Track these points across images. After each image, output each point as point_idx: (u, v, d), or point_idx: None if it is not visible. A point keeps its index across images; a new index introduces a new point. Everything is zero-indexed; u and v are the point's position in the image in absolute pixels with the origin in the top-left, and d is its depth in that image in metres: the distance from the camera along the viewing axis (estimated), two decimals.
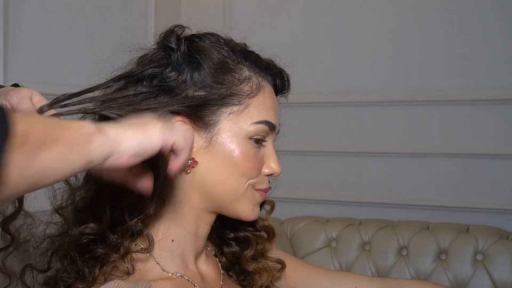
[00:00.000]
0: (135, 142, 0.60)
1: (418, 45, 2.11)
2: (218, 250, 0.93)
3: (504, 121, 2.01)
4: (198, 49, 0.80)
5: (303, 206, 2.22)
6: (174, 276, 0.79)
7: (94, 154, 0.57)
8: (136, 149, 0.61)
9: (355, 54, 2.21)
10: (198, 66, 0.78)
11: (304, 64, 2.01)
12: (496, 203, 2.01)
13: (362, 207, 2.18)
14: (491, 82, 2.01)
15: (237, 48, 0.83)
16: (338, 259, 1.80)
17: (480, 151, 2.03)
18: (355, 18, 2.20)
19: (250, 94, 0.79)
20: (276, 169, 0.82)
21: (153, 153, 0.63)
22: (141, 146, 0.61)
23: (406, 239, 1.74)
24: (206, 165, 0.78)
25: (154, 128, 0.63)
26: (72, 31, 1.75)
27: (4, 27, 1.48)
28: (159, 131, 0.63)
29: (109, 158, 0.59)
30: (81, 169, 0.57)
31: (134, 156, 0.61)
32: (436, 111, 2.10)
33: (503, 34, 2.01)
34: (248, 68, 0.81)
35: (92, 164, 0.58)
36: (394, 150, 2.15)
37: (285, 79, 0.87)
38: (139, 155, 0.62)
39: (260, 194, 0.82)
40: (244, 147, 0.78)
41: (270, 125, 0.80)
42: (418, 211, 2.07)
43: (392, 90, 2.14)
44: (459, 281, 1.66)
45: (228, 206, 0.81)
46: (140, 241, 0.79)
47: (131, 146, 0.60)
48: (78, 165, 0.56)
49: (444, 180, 2.09)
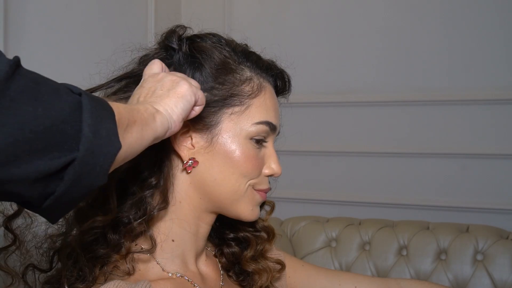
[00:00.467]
0: (179, 109, 0.68)
1: (418, 46, 2.11)
2: (218, 250, 0.93)
3: (504, 121, 2.01)
4: (200, 49, 0.80)
5: (303, 206, 2.23)
6: (174, 276, 0.79)
7: (159, 130, 0.64)
8: (183, 114, 0.68)
9: (354, 55, 2.21)
10: (200, 66, 0.78)
11: (304, 64, 2.01)
12: (496, 203, 2.01)
13: (362, 207, 2.18)
14: (491, 82, 2.01)
15: (239, 48, 0.83)
16: (338, 259, 1.79)
17: (480, 151, 2.03)
18: (356, 19, 2.20)
19: (251, 94, 0.79)
20: (277, 169, 0.82)
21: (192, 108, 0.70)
22: (184, 110, 0.68)
23: (406, 239, 1.74)
24: (206, 165, 0.78)
25: (184, 89, 0.69)
26: (72, 31, 1.75)
27: (4, 27, 1.48)
28: (190, 89, 0.69)
29: (168, 130, 0.66)
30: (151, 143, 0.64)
31: (183, 120, 0.69)
32: (436, 111, 2.10)
33: (503, 34, 2.01)
34: (249, 68, 0.82)
35: (157, 139, 0.65)
36: (394, 150, 2.15)
37: (286, 80, 0.87)
38: (185, 117, 0.70)
39: (260, 194, 0.82)
40: (244, 148, 0.78)
41: (270, 126, 0.81)
42: (418, 211, 2.07)
43: (392, 90, 2.14)
44: (459, 281, 1.65)
45: (228, 206, 0.81)
46: (141, 241, 0.79)
47: (179, 113, 0.67)
48: (148, 142, 0.63)
49: (444, 180, 2.09)
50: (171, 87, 0.69)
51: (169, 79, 0.70)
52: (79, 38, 1.78)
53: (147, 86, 0.70)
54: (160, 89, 0.69)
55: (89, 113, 0.52)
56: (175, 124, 0.67)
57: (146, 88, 0.70)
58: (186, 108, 0.69)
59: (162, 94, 0.68)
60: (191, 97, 0.69)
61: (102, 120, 0.54)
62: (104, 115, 0.54)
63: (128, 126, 0.59)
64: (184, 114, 0.68)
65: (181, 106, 0.68)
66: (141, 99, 0.68)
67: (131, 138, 0.59)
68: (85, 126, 0.51)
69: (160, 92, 0.68)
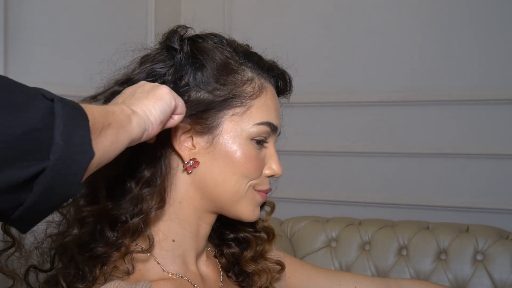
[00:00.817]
0: (158, 111, 0.66)
1: (418, 46, 2.11)
2: (218, 251, 0.93)
3: (504, 121, 2.01)
4: (201, 49, 0.80)
5: (303, 206, 2.23)
6: (174, 276, 0.79)
7: (135, 133, 0.63)
8: (161, 117, 0.67)
9: (354, 55, 2.21)
10: (201, 67, 0.78)
11: (304, 64, 2.01)
12: (496, 203, 2.01)
13: (362, 207, 2.18)
14: (491, 82, 2.01)
15: (240, 49, 0.83)
16: (338, 259, 1.79)
17: (480, 151, 2.03)
18: (356, 19, 2.21)
19: (253, 95, 0.79)
20: (277, 170, 0.82)
21: (171, 114, 0.69)
22: (163, 112, 0.67)
23: (406, 239, 1.74)
24: (207, 165, 0.78)
25: (164, 92, 0.68)
26: (72, 31, 1.75)
27: (4, 27, 1.48)
28: (169, 93, 0.68)
29: (145, 133, 0.64)
30: (124, 148, 0.62)
31: (161, 123, 0.67)
32: (436, 111, 2.10)
33: (503, 34, 2.01)
34: (251, 69, 0.81)
35: (133, 142, 0.63)
36: (394, 150, 2.15)
37: (287, 81, 0.87)
38: (164, 120, 0.68)
39: (261, 195, 0.82)
40: (245, 148, 0.78)
41: (271, 126, 0.81)
42: (418, 211, 2.07)
43: (392, 90, 2.15)
44: (459, 281, 1.65)
45: (229, 206, 0.81)
46: (141, 241, 0.79)
47: (157, 115, 0.66)
48: (123, 145, 0.61)
49: (444, 180, 2.09)
50: (151, 90, 0.68)
51: (150, 84, 0.70)
52: (79, 38, 1.78)
53: (127, 92, 0.70)
54: (140, 92, 0.68)
55: (61, 120, 0.50)
56: (153, 127, 0.65)
57: (127, 93, 0.70)
58: (164, 110, 0.67)
59: (141, 96, 0.67)
60: (170, 100, 0.68)
61: (75, 127, 0.52)
62: (77, 122, 0.52)
63: (103, 130, 0.57)
64: (162, 117, 0.67)
65: (159, 108, 0.66)
66: (119, 101, 0.68)
67: (106, 143, 0.57)
68: (57, 133, 0.50)
69: (140, 95, 0.67)
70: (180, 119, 0.71)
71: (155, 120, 0.65)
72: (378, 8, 2.17)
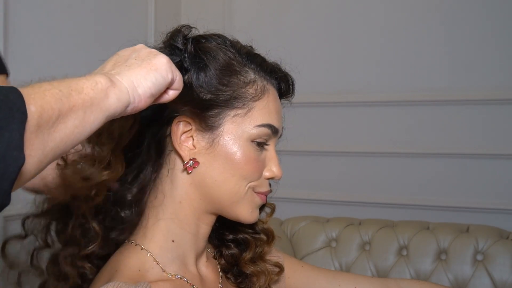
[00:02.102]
0: (150, 82, 0.60)
1: (419, 46, 2.12)
2: (217, 252, 0.93)
3: (504, 121, 2.01)
4: (205, 50, 0.79)
5: (303, 206, 2.23)
6: (173, 277, 0.79)
7: (113, 108, 0.56)
8: (153, 89, 0.61)
9: (354, 55, 2.21)
10: (204, 67, 0.78)
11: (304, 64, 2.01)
12: (496, 203, 2.01)
13: (362, 207, 2.18)
14: (491, 82, 2.01)
15: (243, 50, 0.83)
16: (338, 259, 1.79)
17: (480, 151, 2.03)
18: (357, 20, 2.21)
19: (255, 97, 0.79)
20: (277, 173, 0.82)
21: (165, 88, 0.63)
22: (155, 84, 0.61)
23: (406, 239, 1.74)
24: (207, 165, 0.78)
25: (161, 62, 0.62)
26: (72, 31, 1.75)
27: (4, 27, 1.48)
28: (167, 65, 0.63)
29: (129, 106, 0.59)
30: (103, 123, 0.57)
31: (151, 96, 0.61)
32: (436, 111, 2.10)
33: (503, 34, 2.01)
34: (254, 71, 0.81)
35: (113, 116, 0.58)
36: (394, 150, 2.15)
37: (289, 83, 0.87)
38: (155, 94, 0.62)
39: (260, 197, 0.82)
40: (246, 150, 0.78)
41: (272, 129, 0.81)
42: (418, 211, 2.07)
43: (392, 91, 2.15)
44: (459, 281, 1.65)
45: (228, 208, 0.81)
46: (141, 241, 0.80)
47: (147, 87, 0.60)
48: (98, 122, 0.55)
49: (444, 180, 2.09)
50: (146, 57, 0.62)
51: (148, 50, 0.64)
52: (79, 38, 1.78)
53: (121, 53, 0.64)
54: (134, 58, 0.62)
55: None
56: (140, 99, 0.60)
57: (120, 55, 0.64)
58: (158, 83, 0.61)
59: (133, 63, 0.61)
60: (166, 73, 0.62)
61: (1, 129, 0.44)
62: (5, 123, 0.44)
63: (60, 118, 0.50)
64: (154, 90, 0.61)
65: (152, 80, 0.61)
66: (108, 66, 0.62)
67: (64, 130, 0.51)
68: None
69: (133, 61, 0.61)
70: (175, 95, 0.67)
71: (143, 92, 0.60)
72: (378, 9, 2.17)
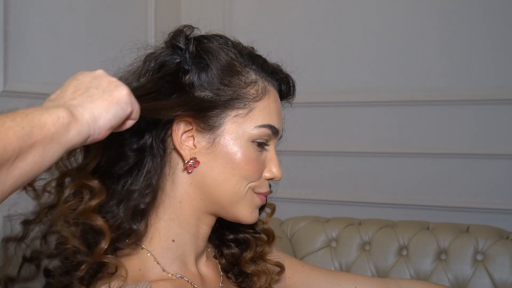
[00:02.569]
0: (111, 115, 0.60)
1: (419, 46, 2.11)
2: (218, 251, 0.93)
3: (504, 121, 2.01)
4: (206, 50, 0.80)
5: (303, 206, 2.22)
6: (174, 277, 0.79)
7: (74, 142, 0.57)
8: (113, 122, 0.61)
9: (354, 55, 2.21)
10: (206, 67, 0.79)
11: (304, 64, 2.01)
12: (496, 203, 2.01)
13: (362, 207, 2.18)
14: (491, 82, 2.01)
15: (245, 51, 0.83)
16: (338, 259, 1.79)
17: (480, 151, 2.03)
18: (356, 20, 2.20)
19: (256, 97, 0.80)
20: (277, 173, 0.83)
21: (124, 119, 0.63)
22: (116, 117, 0.61)
23: (406, 239, 1.74)
24: (208, 165, 0.79)
25: (122, 95, 0.62)
26: (72, 31, 1.75)
27: (4, 27, 1.48)
28: (127, 97, 0.62)
29: (89, 138, 0.59)
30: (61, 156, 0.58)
31: (111, 128, 0.62)
32: (436, 111, 2.10)
33: (503, 34, 2.01)
34: (255, 71, 0.82)
35: (73, 148, 0.59)
36: (394, 150, 2.15)
37: (290, 85, 0.87)
38: (115, 125, 0.62)
39: (260, 197, 0.82)
40: (246, 150, 0.79)
41: (273, 129, 0.81)
42: (418, 211, 2.07)
43: (392, 90, 2.14)
44: (459, 281, 1.65)
45: (228, 208, 0.81)
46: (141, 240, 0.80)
47: (108, 119, 0.60)
48: (57, 156, 0.56)
49: (444, 180, 2.09)
50: (107, 88, 0.62)
51: (108, 79, 0.63)
52: (79, 38, 1.78)
53: (80, 79, 0.63)
54: (95, 88, 0.61)
55: None
56: (100, 131, 0.60)
57: (80, 81, 0.63)
58: (118, 115, 0.61)
59: (95, 94, 0.61)
60: (126, 106, 0.62)
61: None
62: None
63: (20, 155, 0.51)
64: (114, 122, 0.61)
65: (113, 112, 0.60)
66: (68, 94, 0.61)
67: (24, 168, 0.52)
68: None
69: (94, 91, 0.61)
70: (132, 124, 0.66)
71: (104, 125, 0.60)
72: (378, 9, 2.17)
